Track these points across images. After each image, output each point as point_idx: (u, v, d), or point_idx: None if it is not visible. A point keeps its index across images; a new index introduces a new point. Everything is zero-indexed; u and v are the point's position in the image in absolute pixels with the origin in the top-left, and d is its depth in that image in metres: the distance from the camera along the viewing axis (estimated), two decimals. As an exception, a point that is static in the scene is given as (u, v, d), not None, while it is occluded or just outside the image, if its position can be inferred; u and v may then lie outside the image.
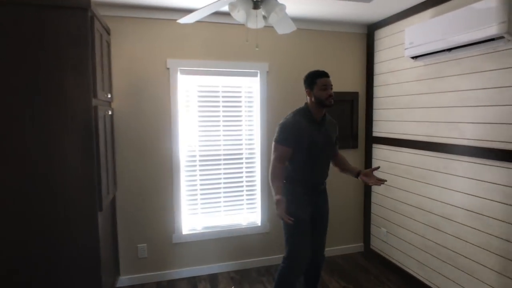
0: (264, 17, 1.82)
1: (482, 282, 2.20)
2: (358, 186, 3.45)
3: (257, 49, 2.19)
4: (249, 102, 3.06)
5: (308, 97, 2.16)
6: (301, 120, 2.11)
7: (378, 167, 2.18)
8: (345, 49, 3.29)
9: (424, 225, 2.70)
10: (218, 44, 2.92)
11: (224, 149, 3.01)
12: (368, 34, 3.30)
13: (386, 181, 2.11)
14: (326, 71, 2.15)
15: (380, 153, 3.22)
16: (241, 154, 3.07)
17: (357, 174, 2.22)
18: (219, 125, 2.99)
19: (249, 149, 3.10)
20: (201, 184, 2.99)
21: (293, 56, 3.13)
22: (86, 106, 2.01)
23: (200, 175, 2.98)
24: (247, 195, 3.12)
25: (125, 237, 2.84)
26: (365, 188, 3.45)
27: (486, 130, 2.15)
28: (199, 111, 2.93)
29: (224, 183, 3.04)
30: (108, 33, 2.59)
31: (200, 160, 2.97)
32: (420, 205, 2.73)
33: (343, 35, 3.26)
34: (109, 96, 2.49)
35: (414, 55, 2.51)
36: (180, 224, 2.95)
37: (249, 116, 3.07)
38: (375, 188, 3.32)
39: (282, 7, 1.70)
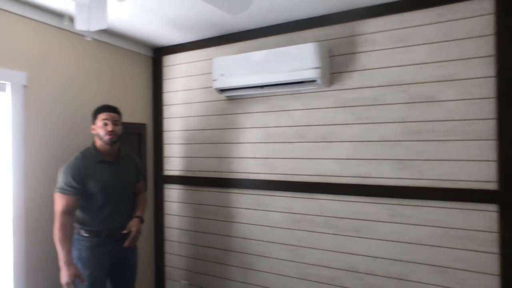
0: None
1: (303, 312, 2.27)
2: (147, 235, 2.83)
3: (89, 39, 1.29)
4: (-11, 132, 1.82)
5: (94, 135, 1.95)
6: (87, 162, 1.88)
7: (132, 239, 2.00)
8: (131, 71, 2.68)
9: (236, 268, 2.52)
10: None
11: None
12: (154, 58, 2.87)
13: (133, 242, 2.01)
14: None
15: (175, 194, 2.81)
16: (-28, 223, 1.75)
17: (134, 217, 2.06)
18: None
19: (-10, 212, 1.82)
20: None
21: (66, 68, 2.18)
22: None
23: None
24: (-16, 293, 1.79)
25: None
26: (156, 237, 2.89)
27: (296, 165, 2.28)
28: None
29: None
30: None
31: None
32: (229, 246, 2.54)
33: (130, 54, 2.65)
34: None
35: (223, 88, 2.35)
36: None
37: (-12, 156, 1.82)
38: (169, 236, 2.84)
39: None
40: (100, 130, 1.88)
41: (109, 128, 1.88)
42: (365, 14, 2.06)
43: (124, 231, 1.96)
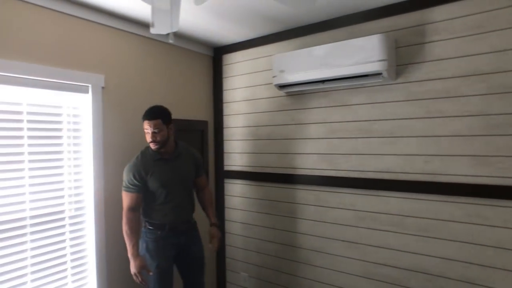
0: None
1: (366, 312, 2.22)
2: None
3: (171, 41, 1.43)
4: (75, 130, 2.02)
5: None
6: (147, 160, 1.97)
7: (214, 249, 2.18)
8: (193, 71, 2.80)
9: (296, 263, 2.53)
10: (19, 34, 1.77)
11: (32, 207, 1.82)
12: (214, 57, 2.96)
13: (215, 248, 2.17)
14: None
15: (234, 189, 2.89)
16: (63, 211, 1.95)
17: (210, 225, 2.23)
18: (22, 168, 1.78)
19: (77, 202, 2.02)
20: (-17, 277, 1.66)
21: (136, 69, 2.34)
22: None
23: (-18, 260, 1.65)
24: (73, 274, 2.00)
25: None
26: (217, 230, 3.00)
27: (360, 161, 2.22)
28: (-21, 146, 1.65)
29: (33, 264, 1.82)
30: None
31: (-19, 234, 1.65)
32: (289, 241, 2.56)
33: (192, 55, 2.77)
34: None
35: (283, 84, 2.36)
36: None
37: (75, 152, 2.02)
38: (229, 229, 2.94)
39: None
40: (146, 137, 1.95)
41: (149, 138, 1.92)
42: (435, 1, 1.93)
43: (212, 239, 2.16)
